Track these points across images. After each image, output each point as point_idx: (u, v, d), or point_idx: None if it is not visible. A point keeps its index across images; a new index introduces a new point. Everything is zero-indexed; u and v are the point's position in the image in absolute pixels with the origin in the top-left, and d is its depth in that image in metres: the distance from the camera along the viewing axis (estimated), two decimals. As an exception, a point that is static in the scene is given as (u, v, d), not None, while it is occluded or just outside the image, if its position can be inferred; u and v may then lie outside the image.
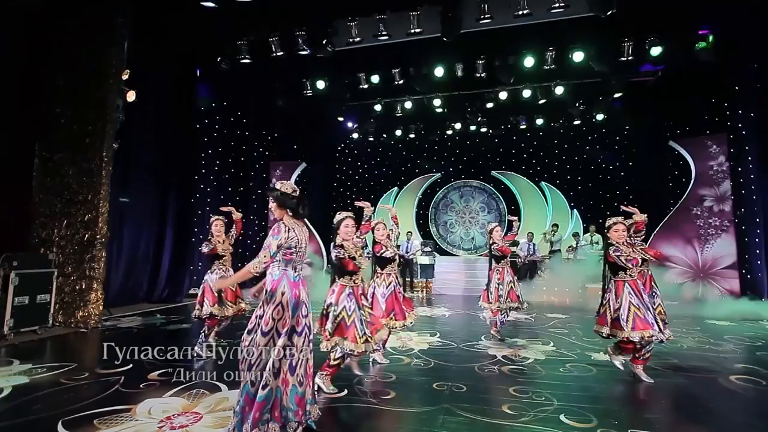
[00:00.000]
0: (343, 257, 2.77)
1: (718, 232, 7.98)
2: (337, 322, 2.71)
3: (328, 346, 2.71)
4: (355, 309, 2.74)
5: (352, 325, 2.70)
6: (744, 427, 2.38)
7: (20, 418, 2.43)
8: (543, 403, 2.72)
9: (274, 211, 2.40)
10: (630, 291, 3.22)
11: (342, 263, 2.77)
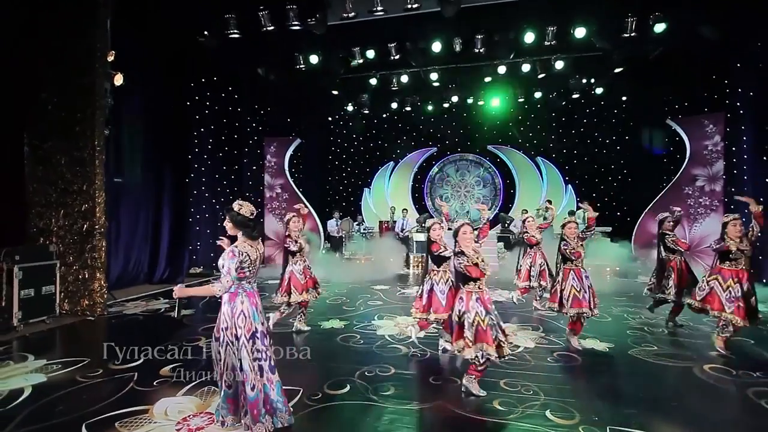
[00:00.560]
0: (468, 264, 2.84)
1: (708, 211, 8.17)
2: (474, 329, 2.81)
3: (473, 353, 2.81)
4: (486, 314, 2.85)
5: (488, 328, 2.83)
6: (710, 423, 2.62)
7: (45, 421, 2.60)
8: (530, 398, 2.95)
9: (229, 229, 2.55)
10: (573, 276, 4.04)
11: (466, 270, 2.84)
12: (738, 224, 3.87)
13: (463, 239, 2.92)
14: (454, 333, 2.93)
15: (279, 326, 4.65)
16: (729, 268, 3.86)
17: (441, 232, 3.78)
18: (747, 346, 4.12)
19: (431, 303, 3.71)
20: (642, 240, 8.92)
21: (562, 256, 4.19)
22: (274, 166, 10.74)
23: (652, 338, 4.34)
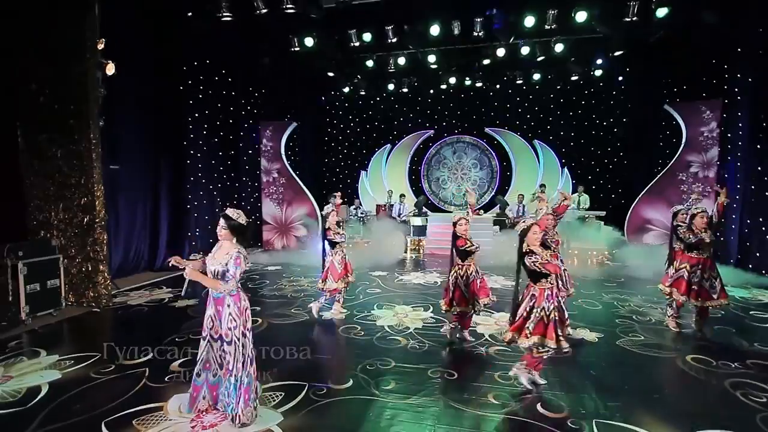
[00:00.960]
0: (544, 262, 2.93)
1: (700, 197, 8.28)
2: (536, 322, 2.95)
3: (528, 344, 2.97)
4: (553, 309, 2.98)
5: (551, 323, 2.96)
6: (687, 415, 2.82)
7: (65, 420, 2.75)
8: (523, 391, 3.13)
9: (224, 235, 2.76)
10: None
11: (544, 268, 2.92)
12: (705, 216, 4.34)
13: (533, 239, 2.99)
14: (515, 324, 3.06)
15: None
16: (696, 256, 4.32)
17: (467, 227, 3.91)
18: (728, 336, 4.34)
19: (455, 297, 3.89)
20: (634, 225, 9.09)
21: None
22: (270, 150, 10.66)
23: (640, 327, 4.54)
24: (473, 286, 3.94)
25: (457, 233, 3.94)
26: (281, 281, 7.00)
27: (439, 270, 7.98)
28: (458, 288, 3.94)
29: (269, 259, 9.17)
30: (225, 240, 2.81)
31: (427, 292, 6.26)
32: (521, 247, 3.05)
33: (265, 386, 3.18)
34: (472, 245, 3.84)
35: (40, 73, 5.28)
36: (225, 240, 2.81)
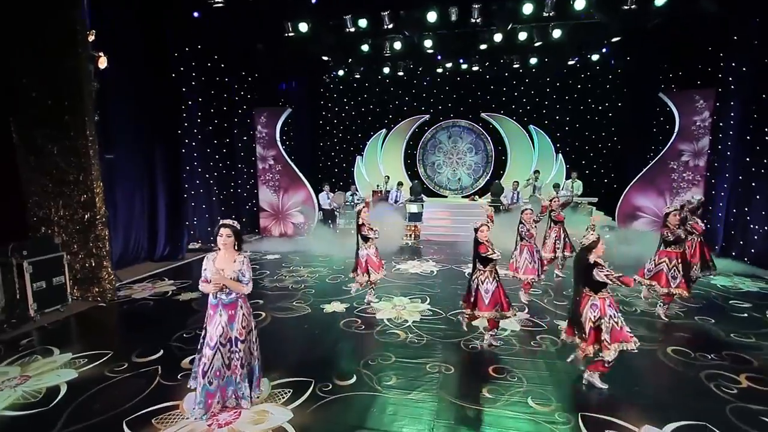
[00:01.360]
0: (617, 275, 3.09)
1: (689, 185, 8.51)
2: (610, 331, 3.12)
3: (612, 354, 3.11)
4: (616, 314, 3.19)
5: (622, 327, 3.16)
6: (661, 406, 3.07)
7: (87, 420, 2.92)
8: (515, 385, 3.37)
9: (229, 243, 2.95)
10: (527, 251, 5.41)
11: (617, 281, 3.07)
12: (677, 215, 4.77)
13: (599, 251, 3.15)
14: (589, 338, 3.21)
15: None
16: (673, 250, 4.73)
17: (488, 234, 3.92)
18: (707, 327, 4.61)
19: (477, 302, 3.94)
20: (624, 212, 9.30)
21: (519, 235, 5.47)
22: (265, 137, 10.59)
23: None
24: (497, 293, 3.94)
25: (479, 239, 3.91)
26: (281, 271, 7.14)
27: (434, 258, 8.18)
28: (479, 292, 3.94)
29: (267, 247, 9.29)
30: (228, 247, 2.95)
31: (423, 282, 6.47)
32: (585, 260, 3.17)
33: (274, 383, 3.38)
34: (494, 252, 3.83)
35: (31, 68, 5.19)
36: (228, 247, 2.95)
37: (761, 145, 6.97)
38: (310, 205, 10.70)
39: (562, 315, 4.91)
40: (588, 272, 3.15)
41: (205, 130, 9.11)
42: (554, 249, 6.47)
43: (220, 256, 2.98)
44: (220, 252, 2.99)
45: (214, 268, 2.92)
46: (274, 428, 2.82)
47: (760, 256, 6.91)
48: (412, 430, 2.82)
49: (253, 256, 8.43)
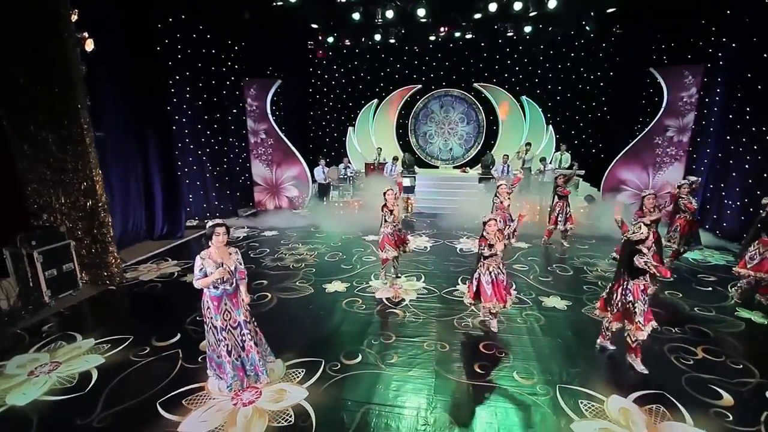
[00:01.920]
0: (654, 264, 3.39)
1: (672, 160, 8.83)
2: (643, 314, 3.44)
3: (645, 334, 3.46)
4: (645, 299, 3.51)
5: (648, 309, 3.48)
6: (626, 378, 3.54)
7: (123, 403, 3.25)
8: (502, 360, 3.81)
9: (225, 240, 3.25)
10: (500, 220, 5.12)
11: (646, 266, 3.34)
12: (652, 198, 5.20)
13: (649, 242, 3.46)
14: (614, 316, 3.67)
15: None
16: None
17: (496, 229, 4.04)
18: (675, 301, 5.11)
19: (479, 292, 4.15)
20: (610, 184, 9.66)
21: (493, 206, 6.37)
22: (256, 110, 10.43)
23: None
24: (494, 286, 4.10)
25: (484, 234, 4.04)
26: (280, 249, 7.40)
27: (427, 232, 8.51)
28: (480, 283, 4.13)
29: (264, 222, 9.47)
30: (222, 244, 3.26)
31: (417, 259, 6.80)
32: (630, 248, 3.43)
33: (288, 363, 3.75)
34: (489, 249, 3.99)
35: (15, 54, 5.02)
36: (222, 244, 3.26)
37: (742, 124, 7.23)
38: (303, 180, 10.79)
39: (545, 291, 5.36)
40: (630, 258, 3.44)
41: (195, 105, 8.93)
42: (556, 221, 7.27)
43: (214, 251, 3.23)
44: (211, 249, 3.24)
45: (215, 263, 3.18)
46: (292, 405, 3.20)
47: (731, 230, 7.41)
48: (414, 404, 3.24)
49: (251, 233, 8.65)
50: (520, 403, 3.26)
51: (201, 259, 3.21)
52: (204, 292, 3.29)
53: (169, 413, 3.13)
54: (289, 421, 3.04)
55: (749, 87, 7.09)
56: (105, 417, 3.10)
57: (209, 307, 3.32)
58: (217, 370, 3.45)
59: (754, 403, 3.17)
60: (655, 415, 3.07)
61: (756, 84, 6.92)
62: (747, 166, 7.15)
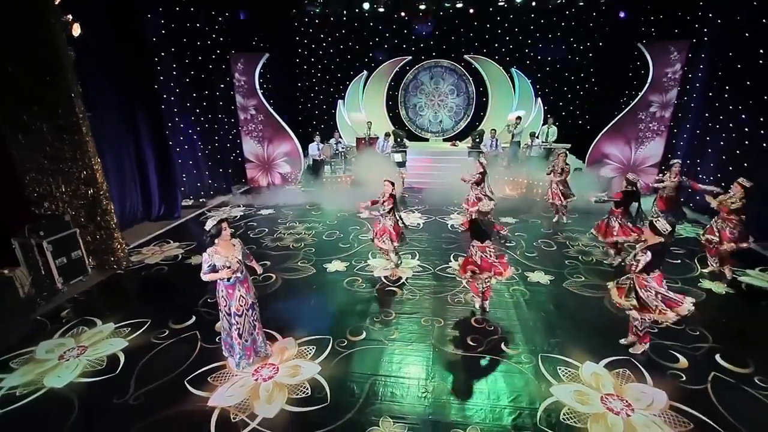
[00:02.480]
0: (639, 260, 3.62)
1: (654, 135, 9.18)
2: (663, 301, 3.59)
3: (674, 317, 3.58)
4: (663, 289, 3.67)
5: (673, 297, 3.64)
6: (599, 347, 4.02)
7: (153, 382, 3.60)
8: (492, 333, 4.26)
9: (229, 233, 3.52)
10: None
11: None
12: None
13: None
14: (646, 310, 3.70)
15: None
16: (617, 210, 5.72)
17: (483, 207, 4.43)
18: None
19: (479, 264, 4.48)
20: (594, 158, 10.01)
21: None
22: (244, 85, 10.26)
23: (583, 269, 5.73)
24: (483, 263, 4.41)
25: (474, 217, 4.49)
26: (278, 228, 7.64)
27: (419, 208, 8.82)
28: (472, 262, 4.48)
29: (258, 200, 9.62)
30: (228, 238, 3.53)
31: (411, 236, 7.11)
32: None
33: (299, 341, 4.13)
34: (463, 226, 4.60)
35: (3, 41, 4.89)
36: (228, 238, 3.53)
37: (720, 102, 7.54)
38: (295, 156, 10.84)
39: (531, 267, 5.80)
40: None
41: (183, 82, 8.75)
42: (553, 196, 7.72)
43: (220, 246, 3.48)
44: (222, 242, 3.48)
45: (224, 257, 3.44)
46: (308, 379, 3.60)
47: (704, 204, 7.89)
48: (415, 375, 3.68)
49: (247, 211, 8.82)
50: (507, 371, 3.73)
51: (209, 255, 3.45)
52: (218, 282, 3.56)
53: (197, 390, 3.50)
54: (306, 393, 3.44)
55: (730, 65, 7.33)
56: (139, 395, 3.45)
57: (224, 296, 3.62)
58: (231, 351, 3.79)
59: (705, 365, 3.69)
60: (621, 378, 3.58)
61: (736, 63, 7.16)
62: (722, 143, 7.53)
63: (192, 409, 3.29)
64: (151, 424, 3.14)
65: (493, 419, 3.18)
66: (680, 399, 3.31)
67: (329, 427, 3.10)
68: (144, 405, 3.35)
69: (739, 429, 3.03)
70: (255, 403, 3.33)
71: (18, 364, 3.88)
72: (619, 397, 3.36)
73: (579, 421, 3.14)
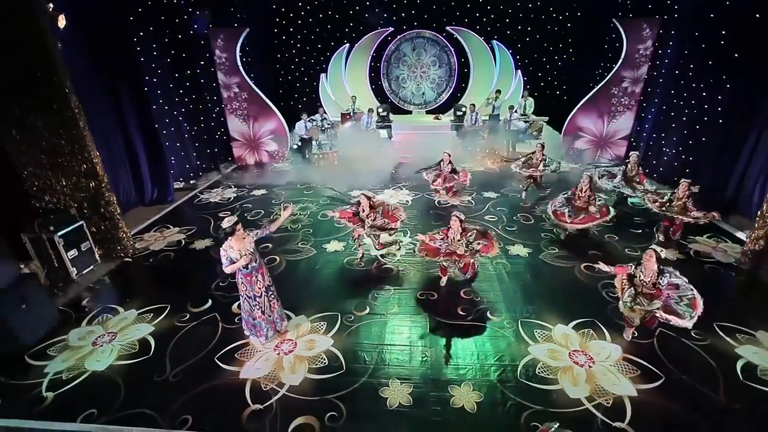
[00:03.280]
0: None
1: (624, 109, 9.74)
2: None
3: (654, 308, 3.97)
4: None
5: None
6: (570, 311, 4.73)
7: (186, 361, 4.07)
8: (478, 303, 4.90)
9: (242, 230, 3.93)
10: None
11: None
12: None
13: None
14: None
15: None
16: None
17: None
18: (613, 243, 6.34)
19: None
20: (570, 131, 10.56)
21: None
22: (225, 62, 10.07)
23: (557, 241, 6.41)
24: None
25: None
26: (273, 210, 7.95)
27: (406, 185, 9.23)
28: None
29: (248, 179, 9.79)
30: (242, 236, 3.94)
31: (402, 214, 7.61)
32: None
33: (311, 319, 4.66)
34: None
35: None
36: (242, 236, 3.94)
37: (685, 80, 8.09)
38: (281, 134, 10.91)
39: (511, 240, 6.43)
40: None
41: (163, 63, 8.56)
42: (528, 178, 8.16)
43: (234, 241, 3.88)
44: (231, 239, 3.88)
45: (240, 251, 3.87)
46: (324, 351, 4.16)
47: (666, 175, 8.67)
48: (416, 343, 4.29)
49: (240, 192, 9.03)
50: (492, 335, 4.39)
51: (224, 250, 3.86)
52: (237, 272, 3.98)
53: (227, 365, 4.01)
54: (324, 363, 4.01)
55: (695, 44, 7.81)
56: (176, 373, 3.93)
57: (243, 283, 4.06)
58: (253, 330, 4.29)
59: (653, 323, 4.46)
60: (586, 337, 4.30)
61: (701, 42, 7.63)
62: (684, 119, 8.17)
63: (226, 381, 3.82)
64: (194, 396, 3.65)
65: (482, 375, 3.85)
66: (632, 351, 4.07)
67: (347, 390, 3.69)
68: (183, 381, 3.84)
69: (674, 370, 3.81)
70: (281, 374, 3.88)
71: (55, 351, 4.27)
72: (584, 353, 4.08)
73: (551, 373, 3.85)
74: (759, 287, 5.19)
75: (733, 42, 6.93)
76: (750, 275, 5.39)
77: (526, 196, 8.16)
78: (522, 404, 3.52)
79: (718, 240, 6.34)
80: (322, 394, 3.67)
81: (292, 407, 3.51)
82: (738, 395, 3.55)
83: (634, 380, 3.73)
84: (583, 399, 3.56)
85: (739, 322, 4.43)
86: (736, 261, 5.69)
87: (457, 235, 5.00)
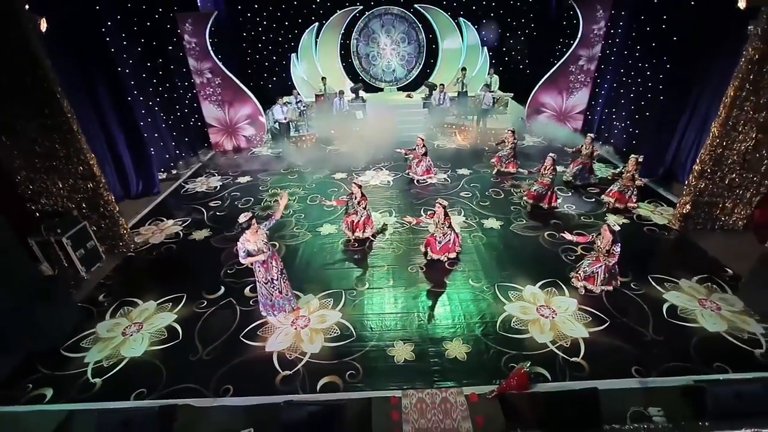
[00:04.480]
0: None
1: (580, 86, 10.61)
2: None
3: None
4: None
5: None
6: (535, 273, 5.64)
7: (214, 341, 4.62)
8: (461, 271, 5.71)
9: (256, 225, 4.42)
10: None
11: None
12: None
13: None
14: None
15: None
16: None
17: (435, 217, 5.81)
18: (571, 213, 7.31)
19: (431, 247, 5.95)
20: (532, 107, 11.38)
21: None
22: (195, 47, 9.94)
23: (525, 213, 7.29)
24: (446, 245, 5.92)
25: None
26: (263, 197, 8.32)
27: (386, 165, 9.78)
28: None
29: (232, 168, 9.95)
30: (256, 230, 4.47)
31: (385, 194, 8.24)
32: None
33: (318, 296, 5.30)
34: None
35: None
36: (256, 230, 4.47)
37: (632, 59, 8.97)
38: (257, 118, 11.00)
39: (485, 215, 7.25)
40: None
41: (134, 53, 8.41)
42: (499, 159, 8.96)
43: (249, 234, 4.42)
44: (247, 233, 4.42)
45: (256, 245, 4.42)
46: (335, 323, 4.85)
47: (616, 146, 9.73)
48: (413, 309, 5.04)
49: (224, 180, 9.26)
50: (474, 298, 5.23)
51: (242, 243, 4.39)
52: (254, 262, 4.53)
53: (252, 342, 4.62)
54: (336, 333, 4.71)
55: (641, 26, 8.64)
56: (209, 352, 4.50)
57: (260, 270, 4.62)
58: (271, 310, 4.89)
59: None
60: (549, 294, 5.24)
61: (646, 25, 8.47)
62: (632, 95, 9.14)
63: (255, 355, 4.44)
64: (230, 369, 4.26)
65: (469, 331, 4.70)
66: (585, 303, 5.04)
67: (360, 353, 4.43)
68: (216, 358, 4.42)
69: (616, 315, 4.82)
70: (301, 345, 4.55)
71: (89, 343, 4.69)
72: (548, 307, 5.02)
73: (523, 325, 4.75)
74: (685, 244, 6.33)
75: (673, 26, 7.80)
76: (679, 234, 6.53)
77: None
78: (502, 351, 4.40)
79: (656, 205, 7.46)
80: (340, 357, 4.38)
81: (316, 370, 4.20)
82: (662, 330, 4.61)
83: (587, 325, 4.70)
84: (548, 343, 4.48)
85: (667, 273, 5.51)
86: (669, 222, 6.82)
87: (440, 220, 5.74)
